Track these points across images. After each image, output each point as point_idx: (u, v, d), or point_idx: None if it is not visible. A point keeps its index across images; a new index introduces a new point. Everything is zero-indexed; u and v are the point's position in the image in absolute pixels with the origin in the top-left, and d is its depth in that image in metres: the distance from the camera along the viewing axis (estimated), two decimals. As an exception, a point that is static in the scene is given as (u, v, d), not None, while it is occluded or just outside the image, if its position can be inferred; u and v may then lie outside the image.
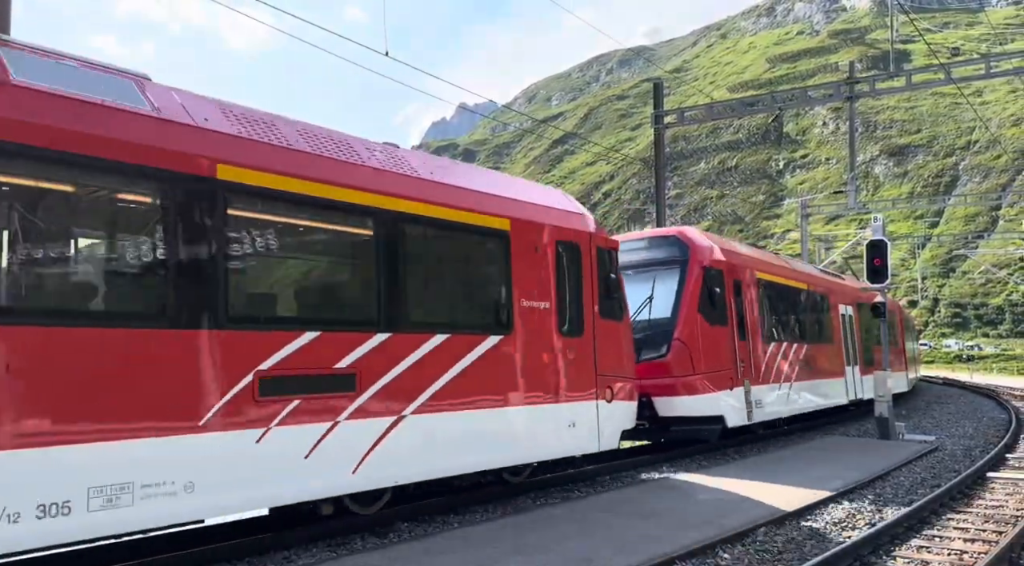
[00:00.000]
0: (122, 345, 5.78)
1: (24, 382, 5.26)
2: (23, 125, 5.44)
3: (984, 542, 7.63)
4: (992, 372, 62.07)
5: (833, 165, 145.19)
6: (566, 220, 10.27)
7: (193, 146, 6.41)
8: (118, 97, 6.16)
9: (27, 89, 5.59)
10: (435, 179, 8.62)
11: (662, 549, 6.96)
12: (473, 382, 8.51)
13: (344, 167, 7.67)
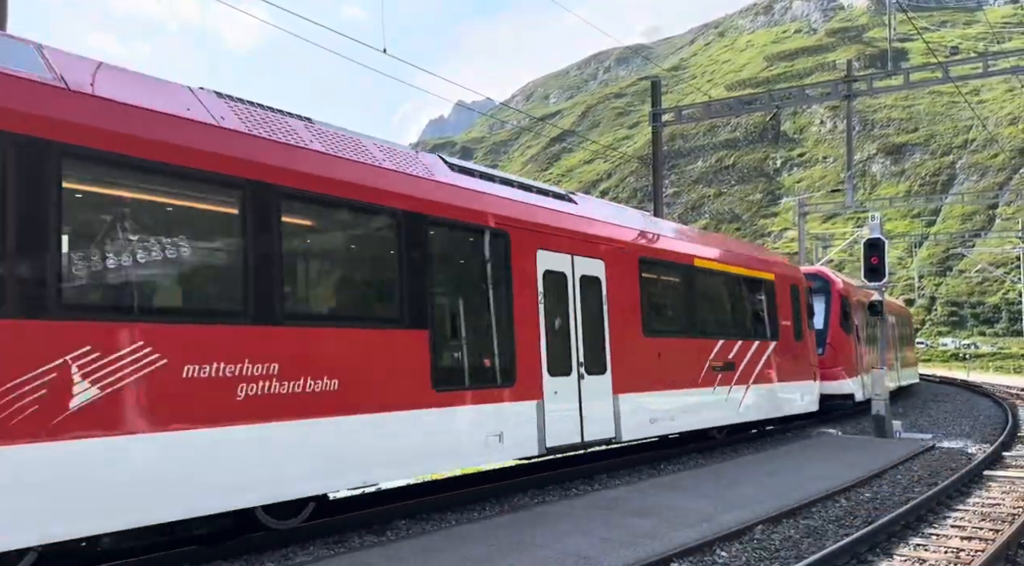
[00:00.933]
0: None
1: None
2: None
3: (981, 540, 7.64)
4: (988, 370, 62.20)
5: (830, 164, 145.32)
6: (792, 272, 17.28)
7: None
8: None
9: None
10: (750, 254, 15.89)
11: (660, 547, 6.96)
12: (767, 368, 15.00)
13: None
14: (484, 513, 8.83)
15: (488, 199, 9.38)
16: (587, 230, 10.87)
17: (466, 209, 8.96)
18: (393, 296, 8.04)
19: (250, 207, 6.73)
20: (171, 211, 6.40)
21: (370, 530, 7.99)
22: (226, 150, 6.66)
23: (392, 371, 7.82)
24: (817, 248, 51.63)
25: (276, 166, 7.01)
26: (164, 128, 6.27)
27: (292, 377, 6.85)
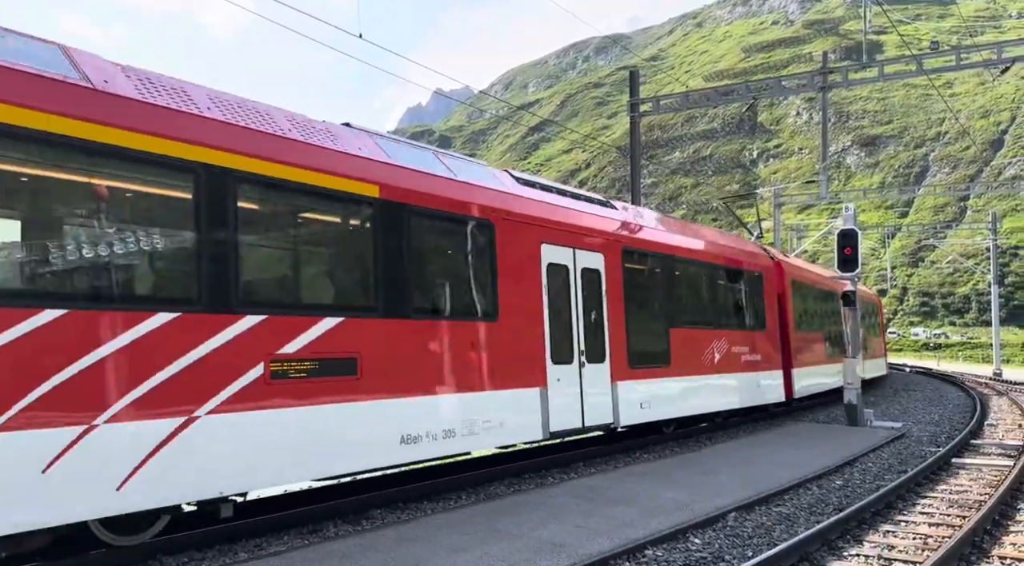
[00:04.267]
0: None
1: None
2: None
3: (948, 526, 7.78)
4: (958, 360, 63.30)
5: (806, 155, 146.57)
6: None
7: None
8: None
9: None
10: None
11: (634, 534, 7.01)
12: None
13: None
14: (460, 502, 8.84)
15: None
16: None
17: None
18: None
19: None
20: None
21: (345, 520, 7.96)
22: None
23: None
24: (792, 239, 52.11)
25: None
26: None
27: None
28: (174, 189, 6.55)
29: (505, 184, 10.56)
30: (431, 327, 8.74)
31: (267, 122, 7.51)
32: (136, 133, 6.25)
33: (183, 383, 6.31)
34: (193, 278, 6.54)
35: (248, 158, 7.02)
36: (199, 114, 6.85)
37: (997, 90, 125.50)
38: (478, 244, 9.58)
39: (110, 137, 6.07)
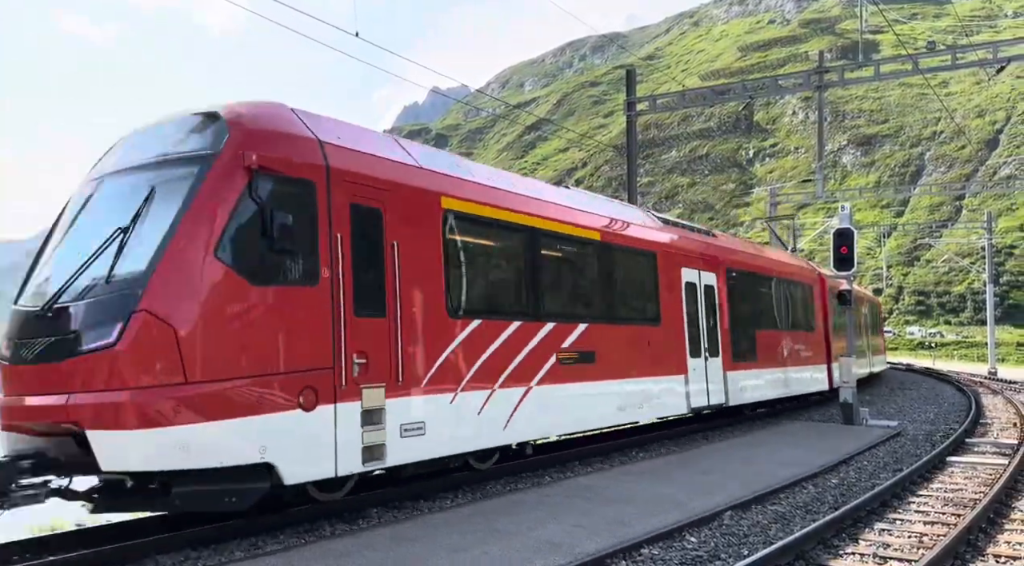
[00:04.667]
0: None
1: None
2: None
3: (944, 525, 7.81)
4: (953, 359, 63.45)
5: (802, 154, 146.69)
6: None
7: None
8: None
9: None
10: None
11: (631, 533, 7.03)
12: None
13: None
14: (457, 502, 8.85)
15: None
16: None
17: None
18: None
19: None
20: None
21: (341, 518, 7.96)
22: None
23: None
24: (788, 238, 52.15)
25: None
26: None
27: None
28: (514, 242, 10.07)
29: (656, 223, 14.34)
30: (629, 330, 12.29)
31: (553, 196, 11.39)
32: (489, 206, 9.62)
33: (526, 366, 9.82)
34: (525, 300, 10.11)
35: (544, 220, 10.59)
36: (515, 192, 10.36)
37: (993, 89, 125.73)
38: (649, 269, 13.09)
39: (480, 211, 9.45)
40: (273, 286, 6.83)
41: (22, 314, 6.79)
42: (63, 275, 6.65)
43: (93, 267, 6.52)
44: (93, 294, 6.41)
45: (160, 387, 6.15)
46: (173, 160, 6.92)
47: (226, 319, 6.51)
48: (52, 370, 6.30)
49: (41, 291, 6.83)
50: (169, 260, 6.31)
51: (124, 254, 6.49)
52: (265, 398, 6.63)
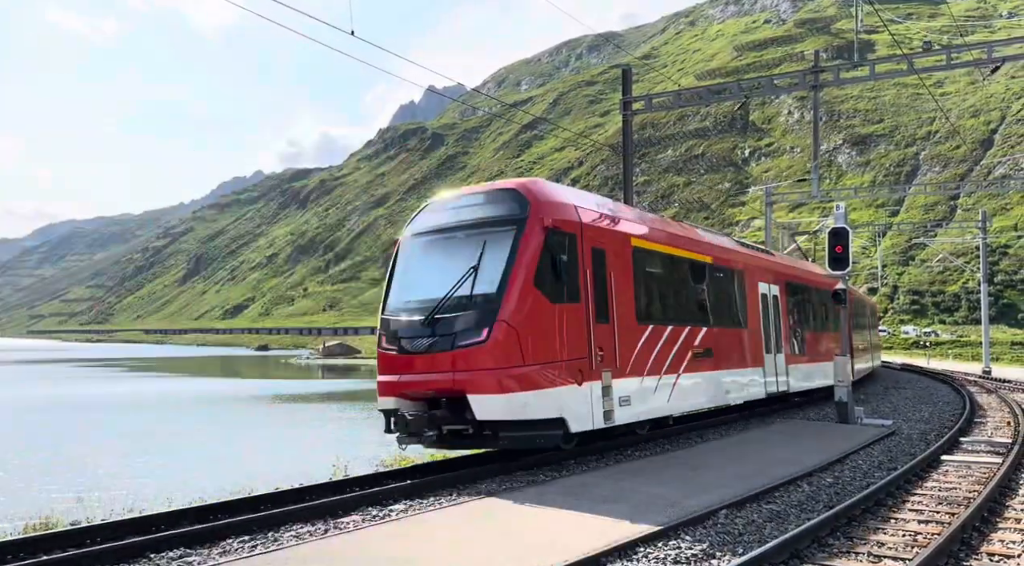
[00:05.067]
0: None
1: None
2: None
3: (938, 523, 7.83)
4: (948, 358, 63.61)
5: (797, 153, 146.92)
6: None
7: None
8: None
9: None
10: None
11: (626, 532, 7.03)
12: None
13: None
14: (454, 500, 8.84)
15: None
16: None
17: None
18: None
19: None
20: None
21: (334, 515, 7.95)
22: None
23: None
24: (783, 237, 52.24)
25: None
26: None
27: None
28: (667, 268, 13.45)
29: (739, 247, 17.72)
30: (730, 332, 15.52)
31: (683, 231, 15.04)
32: (654, 242, 13.04)
33: (677, 358, 13.02)
34: (675, 309, 13.50)
35: (683, 251, 14.13)
36: (665, 231, 13.93)
37: (987, 90, 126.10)
38: (740, 282, 16.37)
39: (650, 246, 12.92)
40: (561, 304, 10.34)
41: (404, 322, 10.39)
42: (434, 296, 10.17)
43: (459, 292, 10.04)
44: (465, 309, 9.96)
45: (510, 368, 9.69)
46: (493, 222, 10.45)
47: (541, 325, 10.04)
48: (439, 358, 9.84)
49: (417, 307, 10.35)
50: (511, 289, 9.84)
51: (478, 284, 9.98)
52: (561, 376, 10.14)
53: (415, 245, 11.13)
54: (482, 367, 9.64)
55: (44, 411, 50.72)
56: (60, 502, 14.61)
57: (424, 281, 10.56)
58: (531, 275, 9.91)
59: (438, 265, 10.53)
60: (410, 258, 11.10)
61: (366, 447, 31.63)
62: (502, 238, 10.15)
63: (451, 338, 9.83)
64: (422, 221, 11.29)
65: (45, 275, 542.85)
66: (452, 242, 10.67)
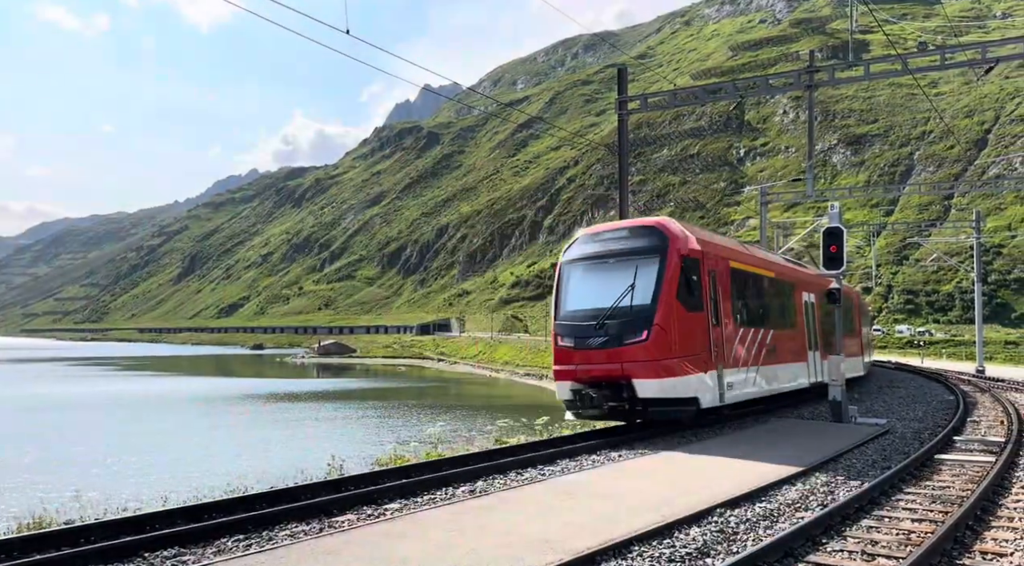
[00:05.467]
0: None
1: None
2: None
3: (931, 522, 7.85)
4: (942, 357, 63.82)
5: (792, 153, 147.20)
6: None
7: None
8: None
9: None
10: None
11: (620, 530, 7.04)
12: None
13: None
14: (447, 498, 8.84)
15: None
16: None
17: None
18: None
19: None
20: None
21: (329, 514, 7.94)
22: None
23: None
24: (778, 236, 52.34)
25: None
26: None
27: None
28: (749, 282, 16.63)
29: (785, 261, 21.26)
30: (786, 332, 18.56)
31: (755, 251, 18.64)
32: (740, 263, 16.20)
33: (757, 353, 16.19)
34: (755, 314, 16.65)
35: (758, 268, 17.32)
36: (746, 252, 17.20)
37: (981, 90, 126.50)
38: (791, 293, 19.53)
39: (738, 266, 16.01)
40: (693, 312, 13.80)
41: (579, 325, 13.88)
42: (601, 306, 13.70)
43: (622, 303, 13.55)
44: (627, 316, 13.42)
45: (664, 360, 13.21)
46: (641, 251, 13.90)
47: (681, 328, 13.49)
48: (609, 352, 13.39)
49: (589, 314, 13.82)
50: (661, 301, 13.34)
51: (635, 298, 13.49)
52: (694, 366, 13.62)
53: (577, 268, 14.61)
54: (642, 359, 13.16)
55: (38, 411, 50.54)
56: (54, 501, 14.56)
57: (591, 295, 14.00)
58: (673, 291, 13.37)
59: (601, 283, 13.98)
60: (575, 278, 14.54)
61: (361, 446, 31.60)
62: (650, 263, 13.61)
63: (618, 338, 13.35)
64: (578, 250, 14.78)
65: (39, 274, 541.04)
66: (610, 265, 14.14)
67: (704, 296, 14.04)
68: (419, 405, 52.80)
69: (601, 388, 13.38)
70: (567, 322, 14.01)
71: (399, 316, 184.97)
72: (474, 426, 32.34)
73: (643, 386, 13.14)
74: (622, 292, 13.49)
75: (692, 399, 13.46)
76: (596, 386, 13.41)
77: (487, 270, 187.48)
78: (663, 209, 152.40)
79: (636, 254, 13.81)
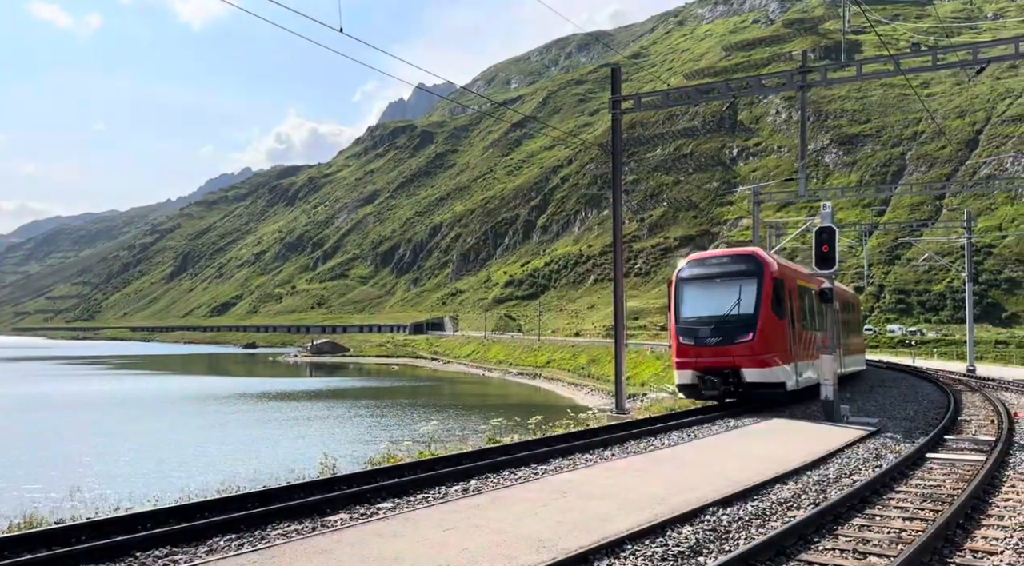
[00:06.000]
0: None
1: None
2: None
3: (922, 520, 7.89)
4: (933, 357, 64.10)
5: (785, 153, 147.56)
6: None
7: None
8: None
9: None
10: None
11: (612, 528, 7.05)
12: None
13: None
14: (440, 498, 8.84)
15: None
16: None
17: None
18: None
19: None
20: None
21: (322, 514, 7.93)
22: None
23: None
24: (771, 236, 52.49)
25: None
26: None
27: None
28: (804, 294, 20.32)
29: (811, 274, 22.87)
30: (822, 333, 20.50)
31: (801, 268, 21.81)
32: (799, 279, 20.34)
33: (809, 350, 20.03)
34: (808, 319, 20.53)
35: (805, 282, 20.57)
36: (797, 270, 21.13)
37: (972, 90, 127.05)
38: (850, 307, 25.22)
39: (797, 283, 19.97)
40: (781, 320, 18.01)
41: (698, 329, 18.00)
42: (715, 314, 18.06)
43: (732, 312, 17.85)
44: (736, 322, 17.74)
45: (763, 355, 17.55)
46: (743, 273, 18.08)
47: (775, 332, 17.85)
48: (724, 349, 17.66)
49: (706, 320, 18.06)
50: (761, 312, 17.63)
51: (741, 308, 17.78)
52: (783, 360, 17.89)
53: (691, 285, 18.76)
54: (749, 354, 17.48)
55: (29, 410, 50.26)
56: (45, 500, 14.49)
57: (705, 305, 18.33)
58: (768, 303, 17.72)
59: (712, 296, 18.31)
60: (690, 292, 18.70)
61: (354, 445, 31.54)
62: (750, 283, 17.92)
63: (730, 338, 17.75)
64: (689, 271, 18.99)
65: (30, 272, 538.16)
66: (718, 284, 18.41)
67: (786, 307, 18.39)
68: (412, 404, 52.74)
69: (716, 375, 17.82)
70: (687, 326, 18.33)
71: (392, 315, 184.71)
72: (467, 425, 32.32)
73: (749, 374, 17.60)
74: (732, 304, 17.95)
75: (781, 384, 17.84)
76: (713, 374, 17.83)
77: (480, 269, 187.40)
78: (656, 209, 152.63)
79: (739, 275, 18.12)
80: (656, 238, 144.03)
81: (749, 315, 17.55)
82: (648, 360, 60.79)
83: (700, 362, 17.85)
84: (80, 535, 7.15)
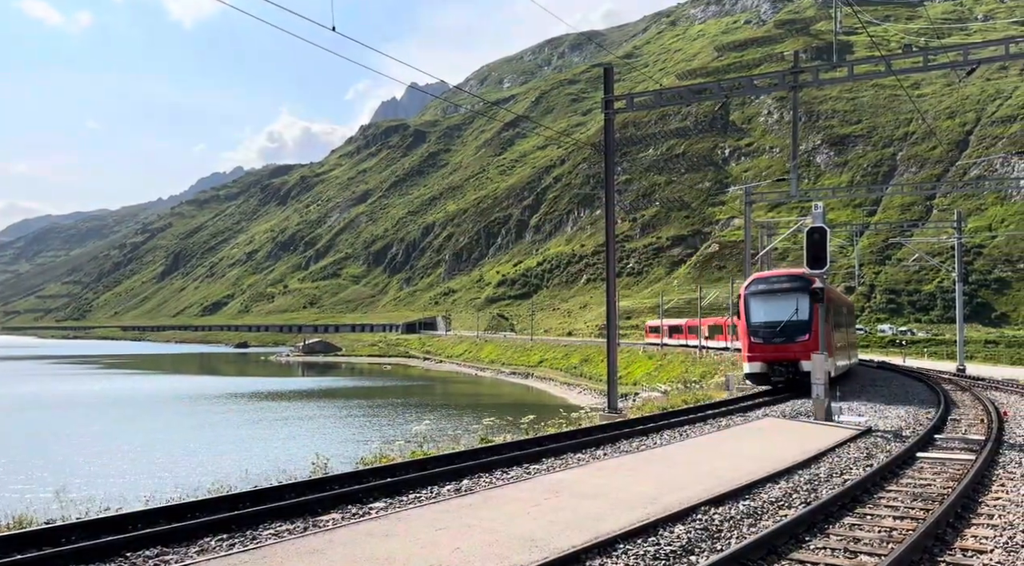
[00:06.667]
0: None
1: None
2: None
3: (913, 519, 7.92)
4: (923, 356, 64.40)
5: (776, 153, 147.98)
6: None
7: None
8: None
9: None
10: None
11: (606, 528, 7.05)
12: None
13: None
14: (432, 497, 8.83)
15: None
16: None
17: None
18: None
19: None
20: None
21: (314, 514, 7.91)
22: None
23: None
24: (762, 236, 52.65)
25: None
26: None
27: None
28: (834, 305, 25.54)
29: (833, 289, 25.54)
30: (839, 334, 25.57)
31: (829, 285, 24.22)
32: (830, 294, 24.05)
33: (836, 346, 25.16)
34: (838, 324, 26.71)
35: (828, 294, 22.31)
36: (831, 288, 25.16)
37: (963, 91, 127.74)
38: (837, 308, 25.35)
39: (828, 295, 23.19)
40: (827, 324, 21.05)
41: (766, 330, 23.08)
42: (779, 319, 23.01)
43: (792, 316, 22.82)
44: (796, 325, 22.77)
45: (815, 351, 18.15)
46: (798, 289, 22.71)
47: (826, 334, 20.43)
48: (787, 346, 22.76)
49: (772, 323, 23.04)
50: (814, 317, 21.67)
51: (799, 314, 22.73)
52: (828, 353, 19.80)
53: (758, 297, 23.37)
54: (806, 349, 21.34)
55: (19, 410, 49.96)
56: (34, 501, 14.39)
57: (770, 312, 22.97)
58: (816, 311, 20.65)
59: (776, 305, 23.01)
60: (757, 302, 23.30)
61: (346, 445, 31.47)
62: (804, 295, 22.03)
63: (792, 337, 22.47)
64: (755, 287, 23.60)
65: (20, 271, 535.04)
66: (779, 296, 23.09)
67: (829, 315, 22.12)
68: (404, 404, 52.67)
69: (780, 366, 22.70)
70: (757, 328, 23.06)
71: (385, 314, 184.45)
72: (460, 425, 32.30)
73: (805, 365, 21.50)
74: (792, 311, 22.71)
75: (827, 372, 19.78)
76: (778, 365, 22.69)
77: (473, 269, 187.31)
78: (649, 208, 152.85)
79: (795, 291, 22.72)
80: (648, 238, 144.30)
81: (805, 321, 22.40)
82: (640, 359, 60.89)
83: (767, 356, 22.83)
84: (70, 535, 7.11)
